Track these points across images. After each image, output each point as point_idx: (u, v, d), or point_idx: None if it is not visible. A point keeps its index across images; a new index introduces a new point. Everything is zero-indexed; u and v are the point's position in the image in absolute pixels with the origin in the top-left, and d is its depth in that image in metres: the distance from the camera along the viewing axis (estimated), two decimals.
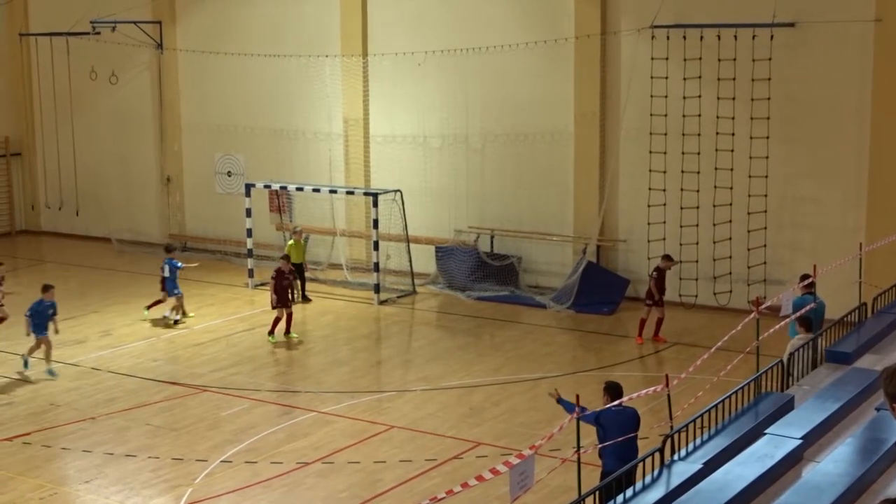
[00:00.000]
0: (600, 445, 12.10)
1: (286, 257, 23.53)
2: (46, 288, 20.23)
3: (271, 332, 22.03)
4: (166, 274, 23.41)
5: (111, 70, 31.12)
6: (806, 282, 16.94)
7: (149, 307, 23.61)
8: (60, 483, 15.38)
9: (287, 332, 22.05)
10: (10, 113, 33.66)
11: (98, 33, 30.06)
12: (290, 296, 22.60)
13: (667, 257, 21.97)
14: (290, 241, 25.42)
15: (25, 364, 19.75)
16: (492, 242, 26.29)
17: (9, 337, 22.38)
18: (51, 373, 19.67)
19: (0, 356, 21.24)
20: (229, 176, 30.33)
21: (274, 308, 22.12)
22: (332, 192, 26.81)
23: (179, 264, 23.72)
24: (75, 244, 32.48)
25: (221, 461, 15.92)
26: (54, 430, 17.24)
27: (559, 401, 12.46)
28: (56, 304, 20.21)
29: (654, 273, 21.71)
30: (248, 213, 26.87)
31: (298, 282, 24.67)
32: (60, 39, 31.60)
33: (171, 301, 23.44)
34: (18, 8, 33.14)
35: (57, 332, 20.18)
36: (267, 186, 27.37)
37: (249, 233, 26.91)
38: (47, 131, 33.34)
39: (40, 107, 33.29)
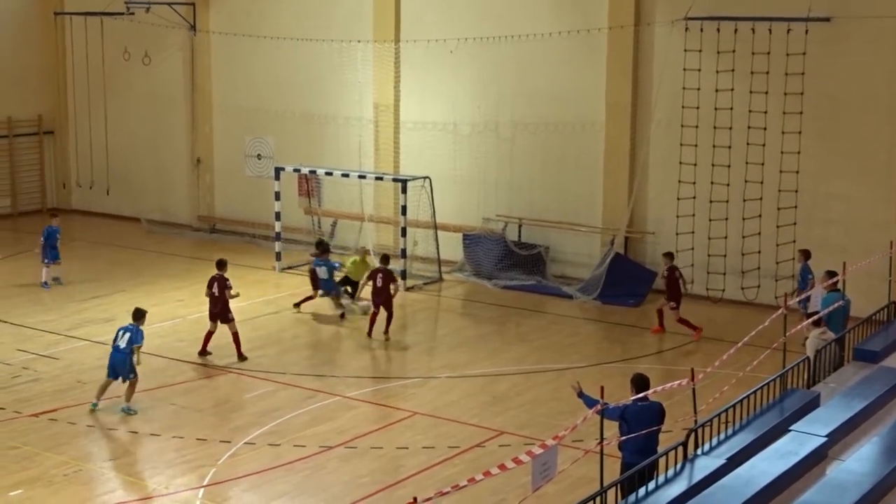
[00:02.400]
0: (623, 438, 12.08)
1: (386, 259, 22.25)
2: (138, 314, 17.83)
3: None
4: (324, 276, 22.87)
5: (144, 51, 31.24)
6: (832, 280, 16.84)
7: (298, 304, 23.17)
8: (85, 460, 15.48)
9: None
10: (44, 91, 33.84)
11: (132, 14, 30.20)
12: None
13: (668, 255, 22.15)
14: (355, 258, 23.98)
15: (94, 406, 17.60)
16: (519, 231, 26.25)
17: (36, 313, 22.59)
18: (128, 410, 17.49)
19: (28, 332, 21.42)
20: (259, 159, 30.40)
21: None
22: (361, 177, 26.84)
23: (337, 264, 23.42)
24: (105, 223, 32.67)
25: (245, 443, 15.99)
26: (80, 407, 17.34)
27: (580, 395, 12.40)
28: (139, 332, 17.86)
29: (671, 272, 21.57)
30: (277, 196, 26.93)
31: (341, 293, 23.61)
32: (95, 19, 31.73)
33: (321, 298, 23.11)
34: None
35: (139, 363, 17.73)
36: (296, 170, 27.43)
37: (278, 216, 26.97)
38: (80, 110, 33.51)
39: (73, 86, 33.48)
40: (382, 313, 21.20)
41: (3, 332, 21.48)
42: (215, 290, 19.93)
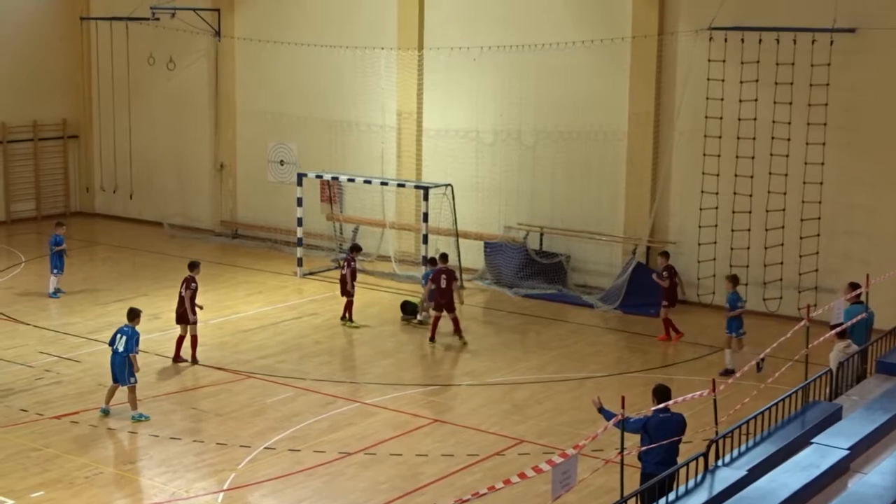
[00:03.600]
0: (643, 448, 12.05)
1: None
2: (133, 314, 17.84)
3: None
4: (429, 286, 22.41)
5: (169, 56, 31.40)
6: (855, 292, 16.75)
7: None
8: (106, 463, 15.55)
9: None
10: (69, 96, 34.05)
11: (157, 19, 30.37)
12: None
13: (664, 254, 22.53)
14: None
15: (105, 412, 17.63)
16: (541, 240, 26.24)
17: (58, 316, 22.71)
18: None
19: (50, 335, 21.53)
20: (282, 165, 30.50)
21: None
22: (384, 184, 26.88)
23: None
24: (128, 227, 32.82)
25: (265, 448, 16.02)
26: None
27: (601, 410, 12.34)
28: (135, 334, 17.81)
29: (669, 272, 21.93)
30: (300, 202, 27.00)
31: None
32: (120, 24, 31.91)
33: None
34: None
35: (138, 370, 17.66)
36: (319, 176, 27.50)
37: (300, 222, 27.04)
38: (104, 115, 33.70)
39: (98, 90, 33.68)
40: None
41: (26, 334, 21.60)
42: (182, 290, 20.03)
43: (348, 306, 22.86)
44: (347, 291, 22.81)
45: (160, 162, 32.92)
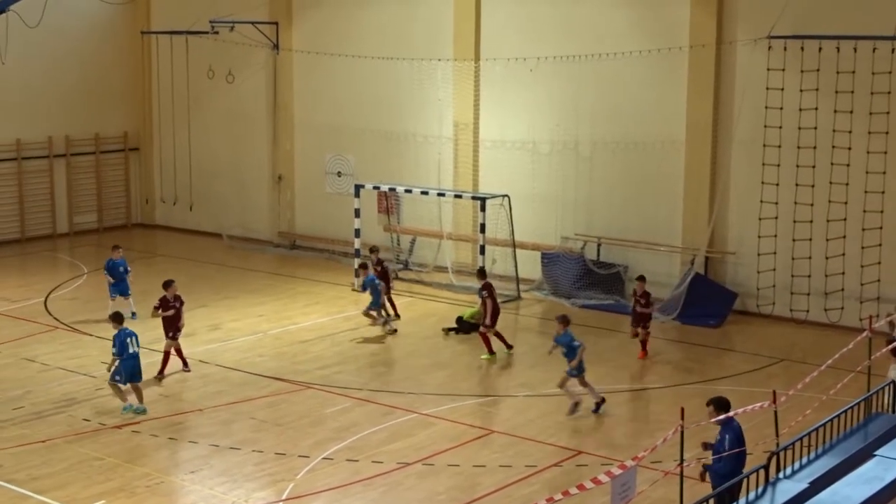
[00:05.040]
0: (715, 456, 11.92)
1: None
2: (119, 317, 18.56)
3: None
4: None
5: (228, 69, 31.72)
6: None
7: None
8: (166, 472, 15.71)
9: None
10: (130, 109, 34.52)
11: (216, 33, 30.67)
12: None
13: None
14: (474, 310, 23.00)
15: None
16: (598, 250, 26.14)
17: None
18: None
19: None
20: (339, 176, 30.67)
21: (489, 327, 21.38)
22: (440, 195, 26.94)
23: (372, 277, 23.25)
24: (187, 238, 33.17)
25: (323, 458, 16.10)
26: (162, 419, 17.61)
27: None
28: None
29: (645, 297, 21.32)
30: (357, 213, 27.13)
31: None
32: (180, 38, 32.29)
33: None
34: (141, 7, 33.98)
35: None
36: (376, 188, 27.62)
37: (357, 233, 27.16)
38: (164, 128, 34.12)
39: (158, 103, 34.11)
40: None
41: (89, 345, 21.89)
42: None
43: (393, 306, 23.58)
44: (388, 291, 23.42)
45: (219, 174, 33.25)
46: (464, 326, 22.85)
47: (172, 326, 20.02)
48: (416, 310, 24.84)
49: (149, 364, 19.16)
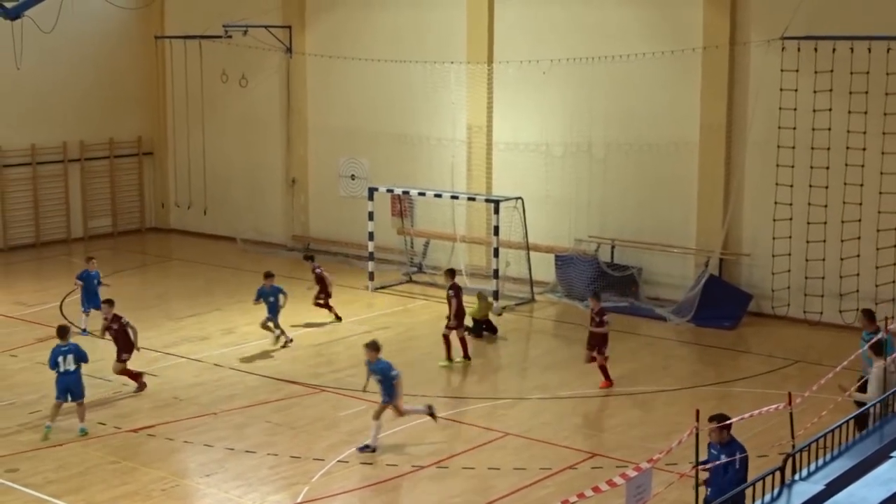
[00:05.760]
0: (712, 464, 11.86)
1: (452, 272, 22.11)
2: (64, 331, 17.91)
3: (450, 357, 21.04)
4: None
5: (241, 73, 31.79)
6: None
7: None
8: (182, 476, 15.74)
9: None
10: (144, 113, 34.63)
11: (230, 37, 30.77)
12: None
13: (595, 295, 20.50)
14: (480, 304, 23.10)
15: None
16: (612, 252, 26.12)
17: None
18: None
19: None
20: (353, 179, 30.71)
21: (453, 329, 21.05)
22: (454, 197, 26.95)
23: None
24: (202, 242, 33.24)
25: (338, 461, 16.11)
26: (177, 423, 17.65)
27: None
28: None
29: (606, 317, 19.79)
30: (371, 216, 27.15)
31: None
32: (194, 42, 32.39)
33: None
34: (155, 11, 34.07)
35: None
36: (390, 191, 27.65)
37: (371, 236, 27.19)
38: (178, 132, 34.21)
39: (173, 108, 34.21)
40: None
41: (104, 349, 21.87)
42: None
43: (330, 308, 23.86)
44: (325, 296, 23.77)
45: (233, 178, 33.33)
46: (476, 327, 22.83)
47: (118, 347, 19.38)
48: (429, 312, 24.83)
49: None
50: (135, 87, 34.30)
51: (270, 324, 22.24)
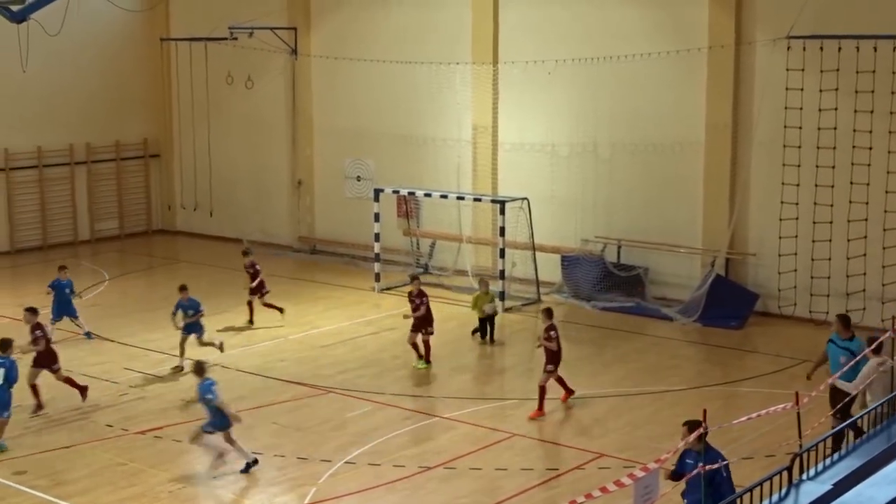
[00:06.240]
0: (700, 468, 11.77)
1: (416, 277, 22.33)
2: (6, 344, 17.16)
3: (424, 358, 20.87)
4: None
5: (247, 75, 31.81)
6: None
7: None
8: (189, 478, 15.75)
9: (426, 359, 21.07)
10: (150, 115, 34.68)
11: (235, 39, 30.78)
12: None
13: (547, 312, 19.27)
14: (478, 293, 23.07)
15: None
16: (618, 253, 26.11)
17: (141, 332, 23.05)
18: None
19: (134, 351, 21.88)
20: (358, 180, 30.72)
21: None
22: (460, 198, 26.95)
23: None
24: (208, 244, 33.27)
25: (345, 462, 16.12)
26: (185, 425, 17.64)
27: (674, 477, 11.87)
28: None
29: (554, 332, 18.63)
30: (377, 217, 27.16)
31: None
32: (199, 44, 32.42)
33: None
34: (160, 14, 34.12)
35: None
36: (395, 192, 27.66)
37: (377, 237, 27.19)
38: (184, 134, 34.25)
39: (178, 110, 34.23)
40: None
41: (112, 351, 22.00)
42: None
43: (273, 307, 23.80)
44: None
45: (239, 179, 33.36)
46: (483, 327, 22.84)
47: (47, 357, 18.52)
48: (436, 314, 24.67)
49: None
50: (141, 89, 34.35)
51: (203, 338, 21.06)
